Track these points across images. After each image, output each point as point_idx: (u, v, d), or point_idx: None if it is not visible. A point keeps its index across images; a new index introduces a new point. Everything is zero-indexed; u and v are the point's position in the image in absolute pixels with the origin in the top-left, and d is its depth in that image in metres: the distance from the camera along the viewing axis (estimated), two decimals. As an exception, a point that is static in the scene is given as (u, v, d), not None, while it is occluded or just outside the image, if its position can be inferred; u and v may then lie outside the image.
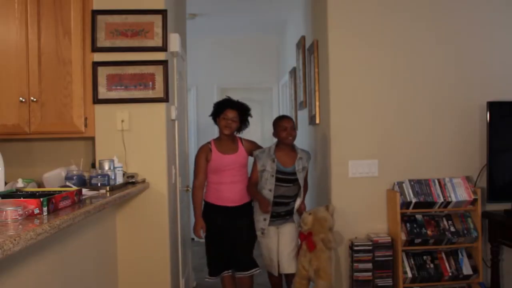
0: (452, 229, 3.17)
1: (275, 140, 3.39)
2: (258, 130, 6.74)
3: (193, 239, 4.81)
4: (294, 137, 3.31)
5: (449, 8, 3.36)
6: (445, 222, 3.19)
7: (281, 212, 3.31)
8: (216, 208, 3.37)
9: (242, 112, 3.40)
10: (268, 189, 3.24)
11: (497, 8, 3.39)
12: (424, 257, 3.20)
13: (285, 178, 3.26)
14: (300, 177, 3.27)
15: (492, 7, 3.39)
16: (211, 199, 3.40)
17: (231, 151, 3.36)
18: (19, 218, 1.65)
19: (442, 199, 3.14)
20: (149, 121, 2.99)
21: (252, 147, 3.48)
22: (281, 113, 6.53)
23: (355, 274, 3.15)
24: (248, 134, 6.67)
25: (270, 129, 6.76)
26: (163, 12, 2.98)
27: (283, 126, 3.28)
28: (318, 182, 3.80)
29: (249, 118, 3.51)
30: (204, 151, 3.38)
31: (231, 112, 3.34)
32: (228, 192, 3.36)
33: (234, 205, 3.36)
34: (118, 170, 2.76)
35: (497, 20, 3.39)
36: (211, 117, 3.46)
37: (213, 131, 6.57)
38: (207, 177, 3.41)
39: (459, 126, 3.34)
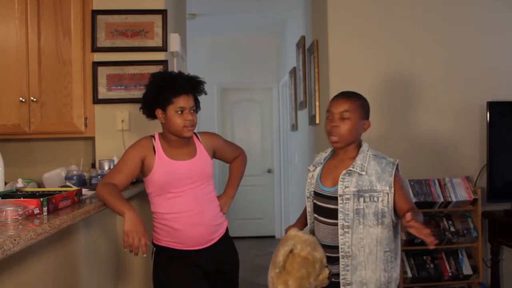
0: (452, 229, 3.17)
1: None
2: (258, 130, 6.75)
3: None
4: (339, 136, 1.91)
5: (449, 8, 3.36)
6: (445, 222, 3.19)
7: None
8: (174, 255, 2.12)
9: (197, 91, 2.18)
10: (310, 229, 2.01)
11: (497, 8, 3.39)
12: (424, 257, 3.20)
13: (324, 207, 1.95)
14: (345, 208, 1.86)
15: (492, 8, 3.38)
16: (164, 240, 2.14)
17: (185, 156, 2.13)
18: (19, 218, 1.65)
19: (442, 199, 3.14)
20: (149, 121, 2.99)
21: (214, 142, 2.27)
22: (281, 113, 6.55)
23: (355, 274, 3.15)
24: (247, 135, 6.73)
25: (270, 129, 6.83)
26: (163, 12, 2.99)
27: (328, 112, 1.96)
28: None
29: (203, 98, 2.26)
30: (142, 147, 2.11)
31: (187, 100, 2.08)
32: (192, 227, 2.09)
33: (203, 247, 2.14)
34: (118, 170, 2.75)
35: (497, 21, 3.38)
36: (141, 110, 2.19)
37: (213, 131, 6.59)
38: (151, 207, 2.17)
39: (459, 126, 3.34)
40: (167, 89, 2.05)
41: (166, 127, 2.12)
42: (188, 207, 2.10)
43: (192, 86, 2.13)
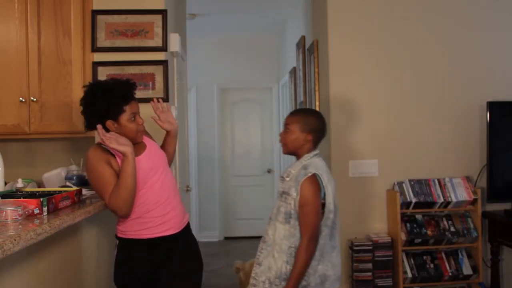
0: (452, 229, 3.17)
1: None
2: (258, 130, 6.75)
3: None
4: (284, 143, 2.28)
5: (449, 8, 3.36)
6: (445, 222, 3.19)
7: None
8: (139, 244, 2.15)
9: (134, 93, 2.18)
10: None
11: (497, 8, 3.39)
12: (424, 257, 3.20)
13: None
14: (275, 204, 2.21)
15: (492, 8, 3.38)
16: (131, 232, 2.16)
17: (139, 150, 2.15)
18: (19, 218, 1.65)
19: (442, 199, 3.14)
20: (149, 121, 2.99)
21: (146, 132, 2.34)
22: (281, 113, 6.55)
23: (355, 274, 3.15)
24: (247, 135, 6.73)
25: (270, 129, 6.83)
26: (163, 12, 2.98)
27: None
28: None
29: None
30: (100, 155, 2.08)
31: (135, 105, 2.13)
32: (166, 215, 2.17)
33: (178, 231, 2.21)
34: (118, 170, 2.76)
35: (497, 21, 3.38)
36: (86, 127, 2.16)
37: (213, 132, 6.64)
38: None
39: (459, 126, 3.34)
40: (117, 100, 2.06)
41: (120, 135, 2.09)
42: (158, 198, 2.14)
43: (133, 90, 2.15)
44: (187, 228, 2.30)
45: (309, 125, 2.21)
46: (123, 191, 2.00)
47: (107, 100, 2.05)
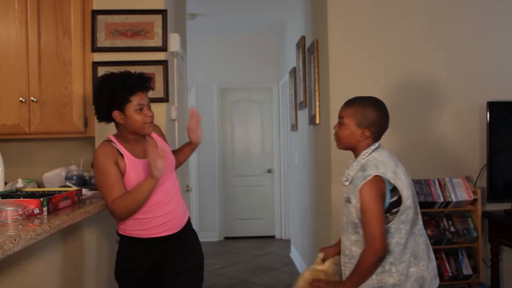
0: (452, 229, 3.17)
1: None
2: (258, 130, 6.75)
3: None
4: (338, 138, 2.02)
5: (449, 8, 3.36)
6: (445, 222, 3.19)
7: None
8: (138, 243, 2.17)
9: (148, 88, 2.16)
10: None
11: (497, 8, 3.39)
12: (424, 257, 3.20)
13: None
14: (343, 212, 1.99)
15: (492, 8, 3.38)
16: (130, 231, 2.18)
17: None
18: (19, 218, 1.65)
19: (442, 199, 3.14)
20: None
21: (160, 130, 2.36)
22: (281, 113, 6.56)
23: (355, 274, 3.15)
24: (247, 135, 6.73)
25: (270, 129, 6.84)
26: (163, 12, 2.98)
27: None
28: (318, 183, 3.80)
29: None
30: (109, 153, 2.08)
31: (143, 96, 2.10)
32: (162, 218, 2.15)
33: (178, 230, 2.23)
34: (118, 170, 2.76)
35: (497, 21, 3.38)
36: (96, 116, 2.18)
37: (213, 132, 6.64)
38: None
39: (459, 126, 3.34)
40: (122, 89, 2.05)
41: (126, 126, 2.11)
42: (158, 199, 2.14)
43: (143, 83, 2.13)
44: (188, 225, 2.31)
45: (367, 119, 1.91)
46: (132, 204, 2.04)
47: (111, 89, 2.06)
